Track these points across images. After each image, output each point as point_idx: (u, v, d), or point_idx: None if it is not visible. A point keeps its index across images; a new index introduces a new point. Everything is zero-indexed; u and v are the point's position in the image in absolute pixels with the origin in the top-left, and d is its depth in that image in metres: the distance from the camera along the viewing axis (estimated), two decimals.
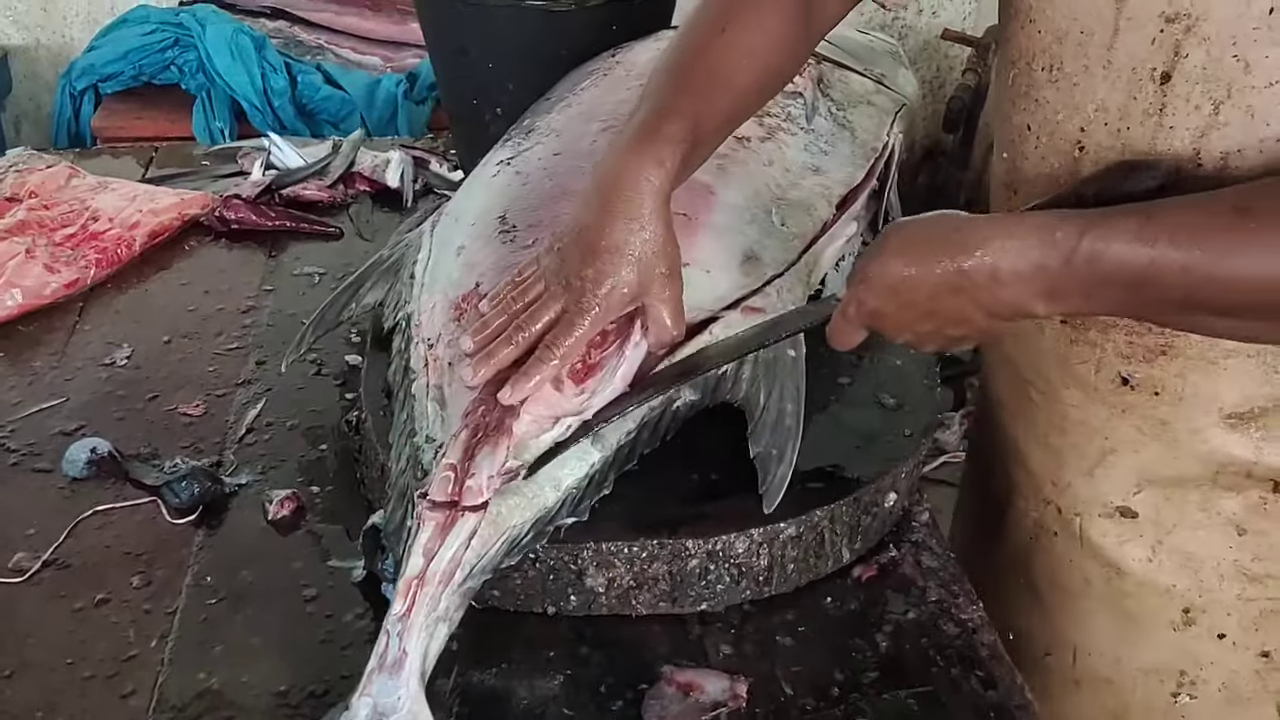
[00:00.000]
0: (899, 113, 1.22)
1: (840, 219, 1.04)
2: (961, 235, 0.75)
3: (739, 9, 0.89)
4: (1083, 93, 0.82)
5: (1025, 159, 0.89)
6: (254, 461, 1.02)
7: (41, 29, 2.90)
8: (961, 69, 3.09)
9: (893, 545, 0.92)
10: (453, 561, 0.75)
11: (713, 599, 0.86)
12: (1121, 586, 0.95)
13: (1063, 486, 0.97)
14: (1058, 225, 0.72)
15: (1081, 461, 0.94)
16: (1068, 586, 0.99)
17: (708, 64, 0.88)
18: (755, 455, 0.85)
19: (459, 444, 0.80)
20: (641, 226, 0.82)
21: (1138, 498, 0.92)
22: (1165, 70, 0.77)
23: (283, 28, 2.78)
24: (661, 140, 0.83)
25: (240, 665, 0.82)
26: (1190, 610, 0.92)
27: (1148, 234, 0.69)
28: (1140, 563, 0.93)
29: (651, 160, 0.82)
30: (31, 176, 1.43)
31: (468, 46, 1.37)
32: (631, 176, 0.82)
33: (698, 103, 0.85)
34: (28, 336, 1.20)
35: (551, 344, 0.83)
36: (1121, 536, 0.94)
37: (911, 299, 0.76)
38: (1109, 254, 0.70)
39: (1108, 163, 0.82)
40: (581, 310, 0.83)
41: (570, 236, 0.85)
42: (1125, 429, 0.90)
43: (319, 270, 1.33)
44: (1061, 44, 0.82)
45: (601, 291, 0.82)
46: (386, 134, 2.48)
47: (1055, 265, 0.71)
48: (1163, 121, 0.78)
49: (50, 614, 0.86)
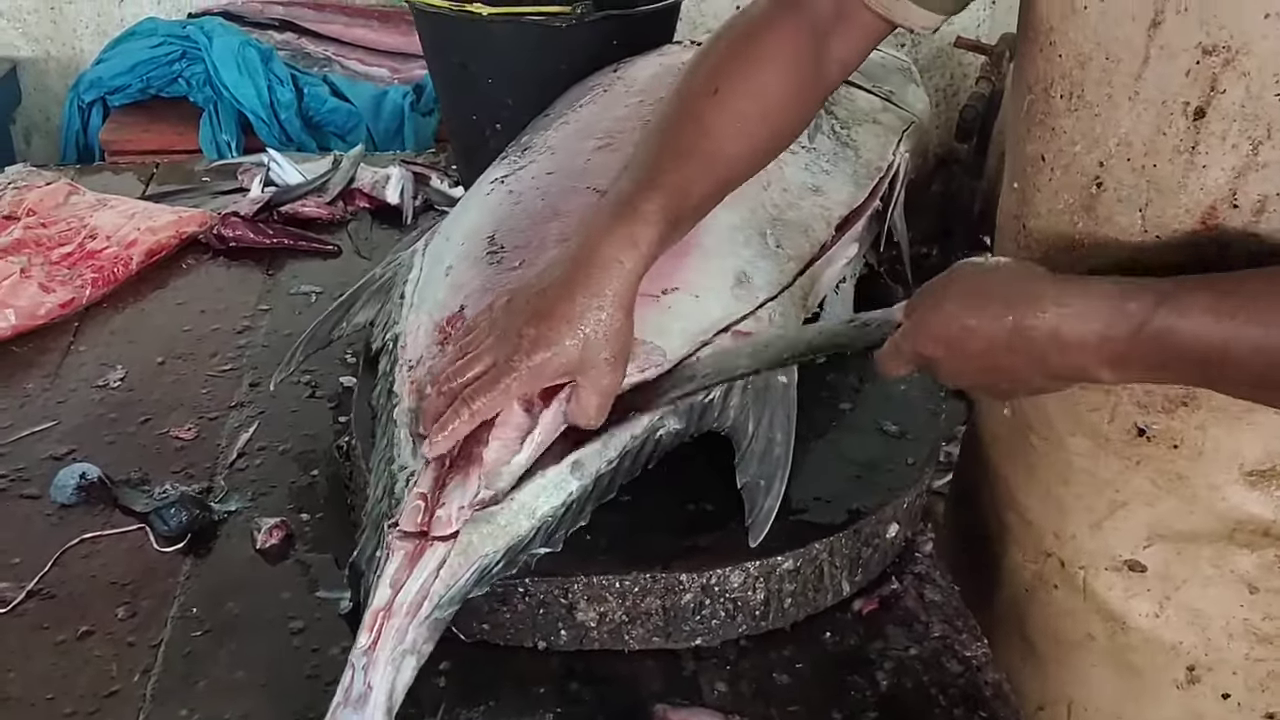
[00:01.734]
0: (906, 131, 1.19)
1: (840, 241, 1.02)
2: (1029, 291, 0.71)
3: (732, 67, 0.85)
4: (1104, 124, 0.77)
5: (1038, 191, 0.85)
6: (244, 487, 1.00)
7: (51, 41, 2.91)
8: (975, 77, 3.06)
9: (894, 577, 0.90)
10: (420, 593, 0.73)
11: (707, 634, 0.83)
12: (1126, 641, 0.91)
13: (1066, 539, 0.92)
14: (1132, 296, 0.68)
15: (1088, 514, 0.90)
16: (1068, 640, 0.94)
17: (695, 130, 0.84)
18: (742, 486, 0.83)
19: (430, 472, 0.78)
20: (600, 306, 0.79)
21: (1147, 551, 0.88)
22: (1199, 105, 0.72)
23: (290, 40, 2.78)
24: (638, 220, 0.79)
25: (223, 701, 0.80)
26: (1195, 668, 0.89)
27: (1224, 309, 0.66)
28: (1147, 618, 0.89)
29: (626, 241, 0.79)
30: (30, 194, 1.43)
31: (467, 62, 1.35)
32: (602, 255, 0.79)
33: (684, 173, 0.82)
34: (21, 357, 1.19)
35: (469, 397, 0.79)
36: (1129, 590, 0.90)
37: (966, 350, 0.73)
38: (1181, 329, 0.67)
39: (1132, 200, 0.78)
40: (510, 368, 0.79)
41: (528, 292, 0.82)
42: (1138, 481, 0.86)
43: (316, 289, 1.32)
44: (1084, 70, 0.78)
45: (537, 357, 0.78)
46: (393, 146, 2.47)
47: (1123, 336, 0.68)
48: (1194, 160, 0.74)
49: (32, 646, 0.85)
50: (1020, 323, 0.70)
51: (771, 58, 0.85)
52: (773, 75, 0.85)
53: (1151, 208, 0.77)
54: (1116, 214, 0.79)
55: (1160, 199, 0.76)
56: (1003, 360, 0.72)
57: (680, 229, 0.83)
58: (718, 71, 0.85)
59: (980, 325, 0.72)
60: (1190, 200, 0.75)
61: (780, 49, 0.85)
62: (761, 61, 0.85)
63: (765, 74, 0.85)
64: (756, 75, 0.85)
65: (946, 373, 0.77)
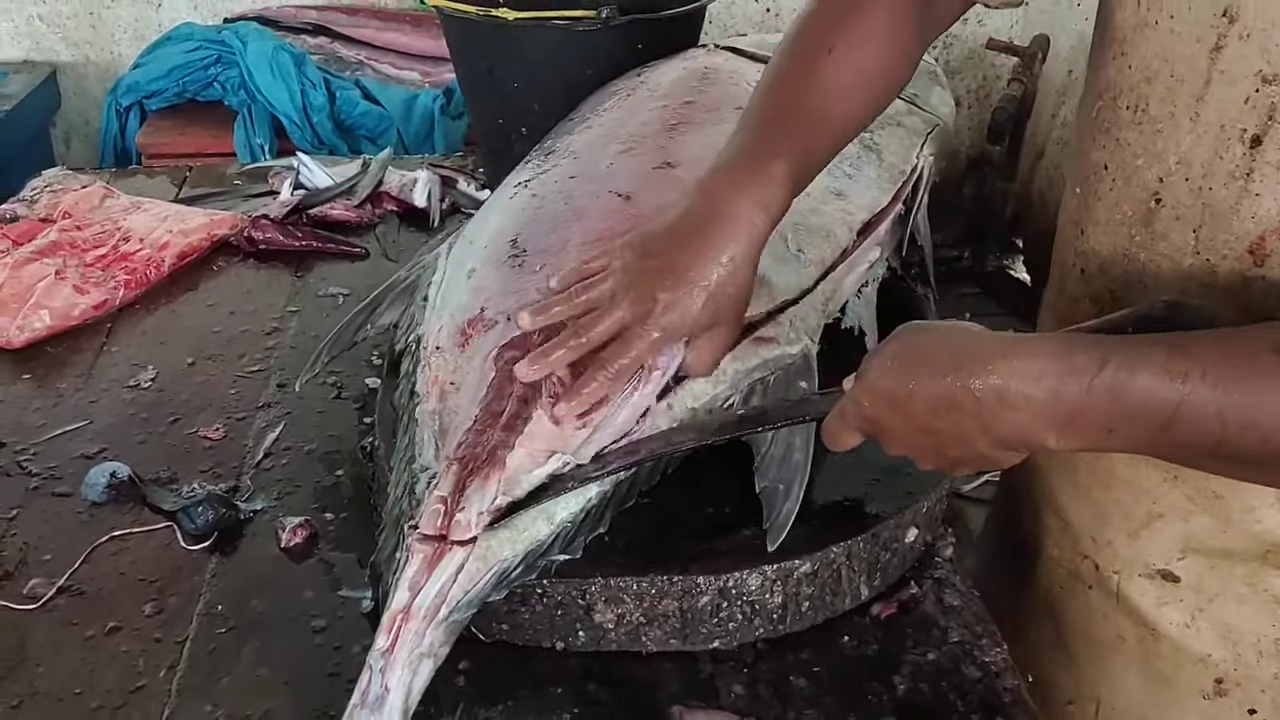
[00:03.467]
0: (930, 134, 1.19)
1: (862, 245, 1.02)
2: (972, 350, 0.69)
3: (846, 24, 0.85)
4: (1165, 141, 0.77)
5: (1099, 200, 0.84)
6: (270, 487, 1.01)
7: (90, 46, 2.95)
8: (1007, 79, 3.04)
9: (914, 582, 0.90)
10: (438, 596, 0.74)
11: (725, 637, 0.84)
12: (1155, 648, 0.90)
13: (1102, 543, 0.92)
14: (1078, 349, 0.66)
15: (1126, 521, 0.90)
16: (1099, 640, 0.94)
17: (817, 90, 0.83)
18: (761, 490, 0.83)
19: (451, 475, 0.79)
20: (733, 270, 0.80)
21: (1181, 563, 0.87)
22: (1257, 133, 0.71)
23: (324, 44, 2.81)
24: (768, 180, 0.80)
25: (247, 698, 0.81)
26: (1224, 681, 0.88)
27: (1177, 368, 0.63)
28: (1177, 627, 0.89)
29: (757, 201, 0.80)
30: (66, 197, 1.45)
31: (493, 66, 1.37)
32: (735, 213, 0.79)
33: (807, 136, 0.82)
34: (55, 358, 1.21)
35: (606, 361, 0.81)
36: (1161, 599, 0.89)
37: (910, 410, 0.71)
38: (1134, 386, 0.63)
39: (1188, 220, 0.76)
40: (645, 332, 0.80)
41: (653, 247, 0.82)
42: (1175, 496, 0.85)
43: (344, 291, 1.33)
44: (1150, 85, 0.77)
45: (670, 319, 0.80)
46: (423, 149, 2.49)
47: (1073, 394, 0.65)
48: (1249, 187, 0.73)
49: (62, 642, 0.86)
50: (967, 382, 0.67)
51: (883, 10, 0.85)
52: (886, 31, 0.85)
53: (1205, 230, 0.76)
54: (1172, 231, 0.78)
55: (1214, 222, 0.75)
56: (948, 423, 0.69)
57: (802, 188, 0.84)
58: (832, 29, 0.85)
59: (925, 385, 0.70)
60: (1241, 228, 0.74)
61: (890, 5, 0.85)
62: (874, 17, 0.85)
63: (879, 30, 0.85)
64: (871, 33, 0.84)
65: (893, 440, 0.74)
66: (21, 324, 1.22)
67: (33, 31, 2.91)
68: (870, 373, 0.74)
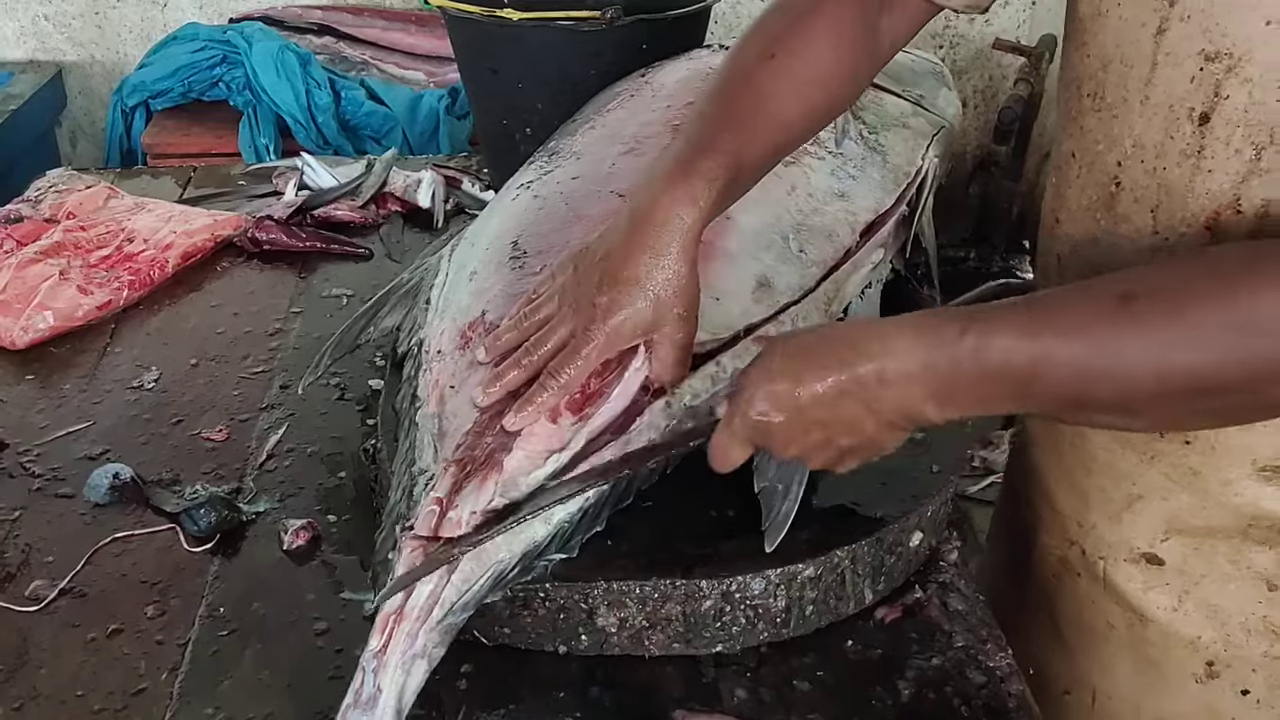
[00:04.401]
0: (936, 136, 1.18)
1: (865, 246, 1.01)
2: (845, 339, 0.73)
3: (789, 34, 0.87)
4: (1120, 125, 0.79)
5: (1069, 187, 0.87)
6: (273, 489, 1.01)
7: (96, 46, 2.96)
8: (1014, 79, 3.03)
9: (918, 586, 0.89)
10: (431, 597, 0.74)
11: (728, 640, 0.83)
12: (1144, 634, 0.91)
13: (1088, 528, 0.93)
14: (941, 322, 0.69)
15: (1108, 505, 0.91)
16: (1090, 628, 0.95)
17: (753, 94, 0.85)
18: (759, 490, 0.83)
19: (448, 477, 0.79)
20: (666, 264, 0.81)
21: (1165, 545, 0.88)
22: (1204, 111, 0.73)
23: (329, 44, 2.81)
24: (697, 176, 0.81)
25: (248, 701, 0.81)
26: (1214, 664, 0.88)
27: (1031, 327, 0.66)
28: (1165, 611, 0.89)
29: (685, 197, 0.81)
30: (70, 197, 1.45)
31: (498, 66, 1.36)
32: (663, 212, 0.81)
33: (740, 137, 0.83)
34: (59, 358, 1.21)
35: (555, 370, 0.82)
36: (1147, 583, 0.90)
37: (799, 406, 0.73)
38: (994, 349, 0.67)
39: (1146, 201, 0.78)
40: (588, 338, 0.82)
41: (590, 259, 0.84)
42: (1153, 476, 0.86)
43: (347, 292, 1.33)
44: (1105, 72, 0.79)
45: (612, 321, 0.81)
46: (428, 149, 2.49)
47: (943, 364, 0.68)
48: (1200, 164, 0.75)
49: (64, 644, 0.86)
50: (851, 369, 0.71)
51: (826, 28, 0.87)
52: (828, 45, 0.87)
53: (1162, 210, 0.78)
54: (1132, 214, 0.80)
55: (1170, 201, 0.77)
56: (834, 410, 0.72)
57: (737, 190, 0.85)
58: (775, 40, 0.87)
59: (811, 377, 0.72)
60: (1197, 205, 0.76)
61: (835, 21, 0.87)
62: (818, 31, 0.87)
63: (821, 43, 0.87)
64: (813, 44, 0.87)
65: (780, 436, 0.76)
66: (25, 325, 1.22)
67: (39, 31, 2.92)
68: (749, 381, 0.76)
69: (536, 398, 0.82)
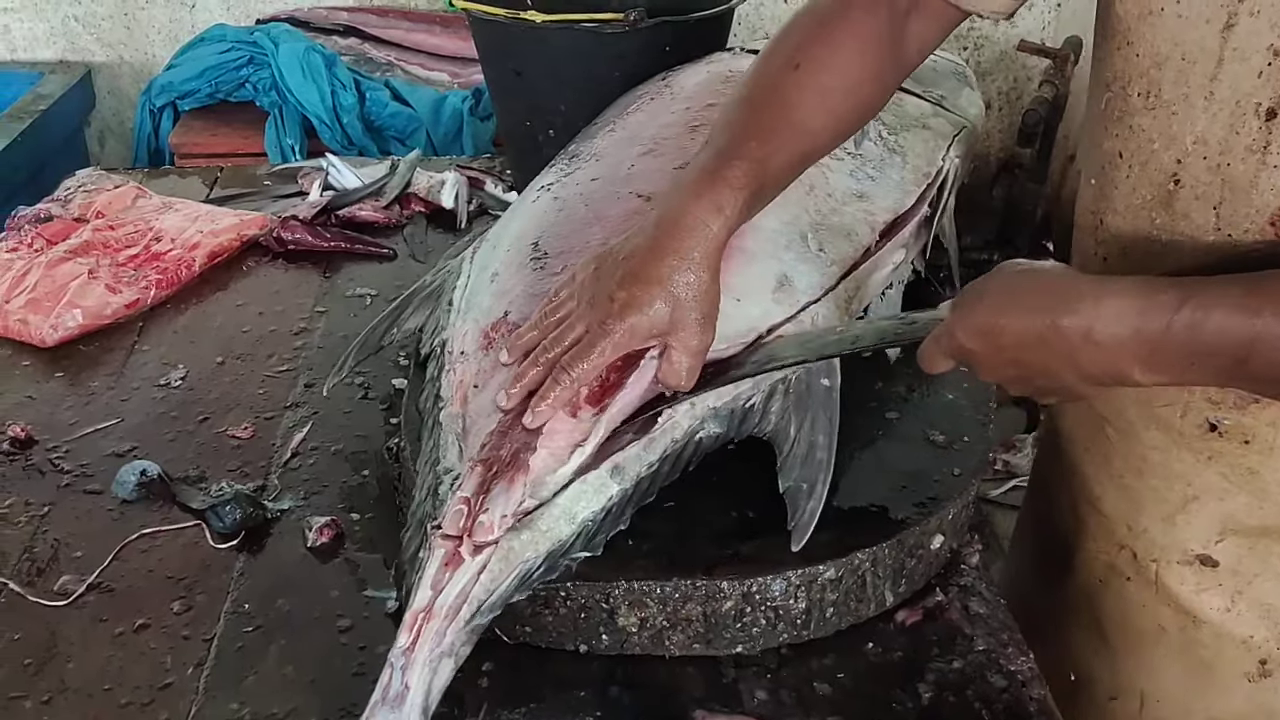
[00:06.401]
0: (958, 136, 1.18)
1: (885, 246, 1.01)
2: (1062, 289, 0.73)
3: (814, 42, 0.87)
4: (1180, 123, 0.78)
5: (1115, 188, 0.86)
6: (297, 486, 1.02)
7: (125, 47, 2.99)
8: (1039, 81, 3.01)
9: (939, 589, 0.89)
10: (460, 596, 0.74)
11: (748, 642, 0.83)
12: (1197, 635, 0.90)
13: (1139, 531, 0.92)
14: (1161, 289, 0.69)
15: (1161, 506, 0.90)
16: (1139, 632, 0.94)
17: (778, 104, 0.86)
18: (784, 490, 0.83)
19: (474, 477, 0.79)
20: (688, 268, 0.81)
21: (1219, 546, 0.87)
22: (1271, 106, 0.73)
23: (354, 45, 2.82)
24: (723, 185, 0.81)
25: (272, 696, 0.82)
26: (1267, 662, 0.88)
27: (1253, 303, 0.67)
28: (1218, 612, 0.89)
29: (711, 205, 0.81)
30: (99, 197, 1.47)
31: (521, 68, 1.37)
32: (689, 219, 0.81)
33: (765, 146, 0.84)
34: (87, 356, 1.23)
35: (566, 366, 0.82)
36: (1200, 585, 0.89)
37: (1000, 344, 0.75)
38: (1211, 322, 0.67)
39: (1208, 198, 0.78)
40: (604, 332, 0.82)
41: (614, 259, 0.84)
42: (1210, 476, 0.86)
43: (371, 292, 1.34)
44: (1160, 70, 0.79)
45: (629, 318, 0.81)
46: (452, 150, 2.50)
47: (1155, 331, 0.69)
48: (1266, 159, 0.74)
49: (91, 638, 0.87)
50: (1055, 321, 0.71)
51: (852, 36, 0.87)
52: (853, 52, 0.87)
53: (1225, 206, 0.78)
54: (1193, 211, 0.80)
55: (1234, 198, 0.77)
56: (1036, 356, 0.73)
57: (763, 198, 0.85)
58: (799, 49, 0.87)
59: (1015, 321, 0.74)
60: (1261, 201, 0.76)
61: (860, 28, 0.87)
62: (842, 39, 0.87)
63: (846, 51, 0.87)
64: (838, 52, 0.87)
65: (984, 369, 0.78)
66: (55, 323, 1.23)
67: (68, 32, 2.95)
68: (966, 305, 0.77)
69: (550, 393, 0.82)
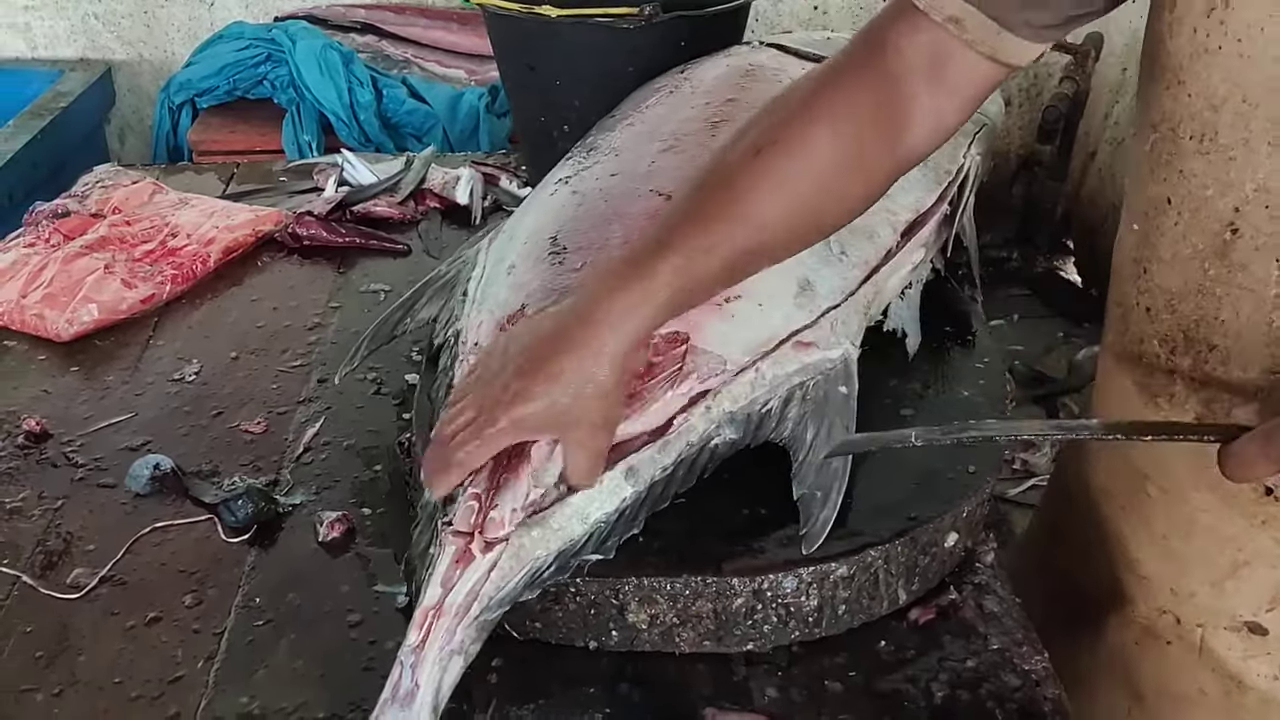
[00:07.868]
0: (978, 134, 1.17)
1: (906, 246, 1.00)
2: None
3: (784, 126, 0.79)
4: (1240, 169, 0.73)
5: (1162, 235, 0.80)
6: (309, 481, 1.02)
7: (144, 44, 3.00)
8: (1059, 77, 2.99)
9: (953, 587, 0.88)
10: (470, 594, 0.74)
11: (759, 639, 0.83)
12: (1241, 700, 0.87)
13: (1184, 595, 0.89)
14: None
15: (1209, 571, 0.86)
16: (1180, 695, 0.91)
17: (724, 192, 0.78)
18: (798, 497, 0.82)
19: (485, 472, 0.79)
20: (594, 367, 0.75)
21: (1270, 615, 0.84)
22: None
23: (371, 42, 2.84)
24: (648, 280, 0.75)
25: (282, 690, 0.82)
26: None
27: None
28: (1265, 679, 0.85)
29: (630, 302, 0.75)
30: (116, 192, 1.47)
31: (535, 63, 1.37)
32: (602, 314, 0.75)
33: (707, 236, 0.76)
34: (102, 351, 1.23)
35: (455, 447, 0.76)
36: (1248, 651, 0.86)
37: None
38: None
39: (1270, 249, 0.73)
40: (491, 420, 0.75)
41: (523, 339, 0.79)
42: (1264, 541, 0.82)
43: (385, 287, 1.34)
44: (1217, 112, 0.73)
45: (516, 412, 0.75)
46: (468, 147, 2.51)
47: None
48: None
49: (103, 631, 0.87)
50: None
51: (832, 113, 0.78)
52: (827, 132, 0.78)
53: None
54: (1252, 262, 0.75)
55: None
56: None
57: (698, 294, 0.78)
58: (767, 131, 0.79)
59: None
60: None
61: (846, 103, 0.78)
62: (819, 117, 0.78)
63: (819, 130, 0.78)
64: (807, 132, 0.78)
65: None
66: (71, 317, 1.24)
67: (88, 30, 2.97)
68: None
69: (439, 474, 0.77)
